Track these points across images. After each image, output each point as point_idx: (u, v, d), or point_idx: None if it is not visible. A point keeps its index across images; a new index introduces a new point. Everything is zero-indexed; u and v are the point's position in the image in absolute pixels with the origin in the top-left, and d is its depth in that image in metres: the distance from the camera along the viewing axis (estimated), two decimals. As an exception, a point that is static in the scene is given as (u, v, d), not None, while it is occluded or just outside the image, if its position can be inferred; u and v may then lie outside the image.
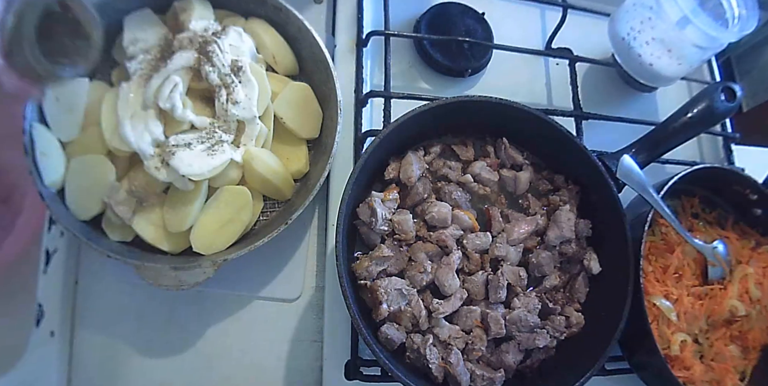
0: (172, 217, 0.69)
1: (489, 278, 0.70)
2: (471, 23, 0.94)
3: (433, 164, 0.76)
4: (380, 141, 0.67)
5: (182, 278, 0.66)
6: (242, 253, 0.66)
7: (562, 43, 0.96)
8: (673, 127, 0.80)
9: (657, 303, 0.77)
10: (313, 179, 0.73)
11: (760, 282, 0.83)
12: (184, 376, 0.72)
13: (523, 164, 0.78)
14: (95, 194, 0.68)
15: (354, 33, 0.87)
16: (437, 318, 0.67)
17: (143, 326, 0.72)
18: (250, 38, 0.75)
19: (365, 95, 0.81)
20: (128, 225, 0.69)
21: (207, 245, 0.69)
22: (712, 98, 0.80)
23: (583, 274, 0.76)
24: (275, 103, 0.75)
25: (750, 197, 0.87)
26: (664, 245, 0.83)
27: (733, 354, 0.81)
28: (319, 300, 0.76)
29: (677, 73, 0.92)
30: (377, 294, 0.64)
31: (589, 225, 0.77)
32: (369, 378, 0.69)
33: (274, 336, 0.75)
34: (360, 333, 0.60)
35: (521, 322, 0.68)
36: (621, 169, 0.76)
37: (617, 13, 0.93)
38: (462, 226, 0.72)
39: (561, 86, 0.96)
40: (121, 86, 0.69)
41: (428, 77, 0.91)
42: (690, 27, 0.83)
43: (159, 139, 0.67)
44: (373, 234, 0.69)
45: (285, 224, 0.68)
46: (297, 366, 0.74)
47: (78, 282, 0.73)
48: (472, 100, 0.71)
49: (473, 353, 0.67)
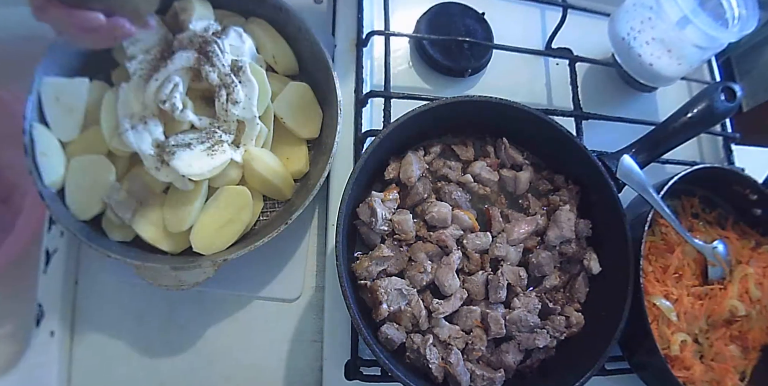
0: (172, 217, 0.69)
1: (489, 278, 0.70)
2: (471, 23, 0.94)
3: (433, 164, 0.76)
4: (380, 141, 0.67)
5: (182, 278, 0.66)
6: (242, 253, 0.66)
7: (562, 43, 0.96)
8: (673, 127, 0.80)
9: (657, 303, 0.77)
10: (313, 179, 0.73)
11: (760, 282, 0.83)
12: (184, 376, 0.72)
13: (523, 164, 0.78)
14: (95, 194, 0.68)
15: (354, 33, 0.87)
16: (437, 318, 0.67)
17: (143, 326, 0.72)
18: (250, 38, 0.75)
19: (365, 95, 0.81)
20: (128, 225, 0.69)
21: (207, 245, 0.69)
22: (712, 98, 0.80)
23: (583, 274, 0.76)
24: (275, 103, 0.75)
25: (750, 197, 0.87)
26: (664, 245, 0.83)
27: (733, 354, 0.81)
28: (319, 300, 0.76)
29: (677, 73, 0.92)
30: (377, 294, 0.64)
31: (589, 225, 0.77)
32: (369, 378, 0.69)
33: (274, 336, 0.75)
34: (360, 333, 0.60)
35: (521, 322, 0.68)
36: (621, 169, 0.76)
37: (617, 13, 0.93)
38: (462, 226, 0.72)
39: (561, 86, 0.96)
40: (121, 86, 0.69)
41: (428, 77, 0.91)
42: (690, 27, 0.83)
43: (159, 139, 0.67)
44: (373, 234, 0.69)
45: (285, 224, 0.68)
46: (297, 366, 0.74)
47: (78, 282, 0.73)
48: (472, 100, 0.71)
49: (473, 353, 0.67)
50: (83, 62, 0.72)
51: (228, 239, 0.70)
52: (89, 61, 0.73)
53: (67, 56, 0.70)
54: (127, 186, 0.69)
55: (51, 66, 0.69)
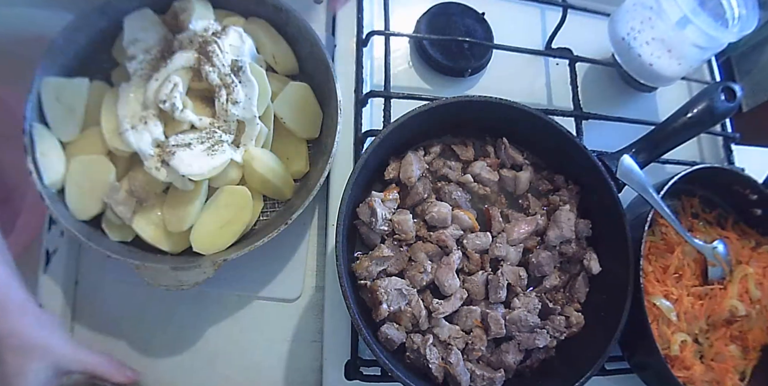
0: (172, 217, 0.69)
1: (489, 278, 0.70)
2: (471, 23, 0.94)
3: (433, 164, 0.76)
4: (380, 141, 0.67)
5: (182, 279, 0.66)
6: (242, 253, 0.66)
7: (562, 43, 0.96)
8: (673, 127, 0.80)
9: (657, 303, 0.77)
10: (313, 179, 0.73)
11: (760, 282, 0.83)
12: (183, 376, 0.72)
13: (523, 164, 0.78)
14: (95, 194, 0.68)
15: (354, 33, 0.87)
16: (437, 318, 0.67)
17: (143, 326, 0.72)
18: (249, 38, 0.75)
19: (365, 95, 0.81)
20: (128, 225, 0.69)
21: (207, 245, 0.69)
22: (712, 98, 0.80)
23: (583, 274, 0.76)
24: (275, 103, 0.75)
25: (750, 197, 0.87)
26: (664, 245, 0.83)
27: (733, 354, 0.81)
28: (319, 300, 0.76)
29: (677, 73, 0.92)
30: (377, 294, 0.64)
31: (589, 225, 0.77)
32: (369, 378, 0.69)
33: (274, 336, 0.75)
34: (360, 333, 0.60)
35: (521, 322, 0.68)
36: (621, 169, 0.76)
37: (617, 13, 0.93)
38: (462, 226, 0.72)
39: (561, 86, 0.96)
40: (121, 86, 0.69)
41: (428, 77, 0.91)
42: (690, 27, 0.83)
43: (159, 139, 0.67)
44: (373, 234, 0.69)
45: (285, 224, 0.68)
46: (297, 366, 0.74)
47: (78, 282, 0.73)
48: (472, 100, 0.71)
49: (473, 353, 0.67)
50: (83, 62, 0.72)
51: (228, 239, 0.70)
52: (89, 61, 0.73)
53: (67, 56, 0.70)
54: (127, 186, 0.69)
55: (51, 66, 0.69)
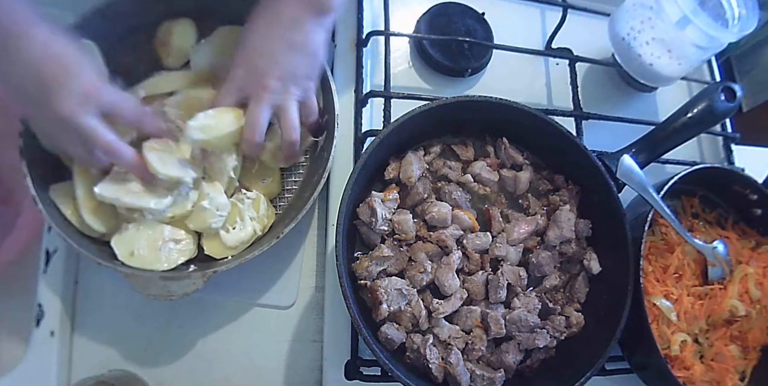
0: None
1: (489, 278, 0.70)
2: (471, 23, 0.94)
3: (433, 164, 0.76)
4: (380, 141, 0.67)
5: (171, 289, 0.66)
6: (233, 265, 0.66)
7: (562, 43, 0.96)
8: (673, 127, 0.80)
9: (657, 303, 0.77)
10: (314, 179, 0.73)
11: (760, 282, 0.83)
12: (183, 376, 0.72)
13: (523, 164, 0.78)
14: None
15: (354, 33, 0.87)
16: (437, 318, 0.67)
17: (143, 326, 0.72)
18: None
19: (365, 95, 0.81)
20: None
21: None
22: (712, 98, 0.80)
23: (583, 274, 0.76)
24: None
25: (750, 197, 0.87)
26: (664, 245, 0.83)
27: (733, 354, 0.81)
28: (319, 300, 0.76)
29: (677, 73, 0.92)
30: (377, 294, 0.64)
31: (589, 225, 0.77)
32: (369, 378, 0.69)
33: (273, 336, 0.75)
34: (360, 333, 0.60)
35: (521, 322, 0.68)
36: (621, 169, 0.76)
37: (617, 13, 0.93)
38: (462, 226, 0.72)
39: (561, 86, 0.96)
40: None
41: (428, 77, 0.91)
42: (690, 27, 0.83)
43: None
44: (373, 234, 0.69)
45: (277, 237, 0.67)
46: (297, 366, 0.74)
47: (78, 282, 0.73)
48: (472, 100, 0.71)
49: (473, 353, 0.67)
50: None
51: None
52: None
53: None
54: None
55: (51, 66, 0.68)
